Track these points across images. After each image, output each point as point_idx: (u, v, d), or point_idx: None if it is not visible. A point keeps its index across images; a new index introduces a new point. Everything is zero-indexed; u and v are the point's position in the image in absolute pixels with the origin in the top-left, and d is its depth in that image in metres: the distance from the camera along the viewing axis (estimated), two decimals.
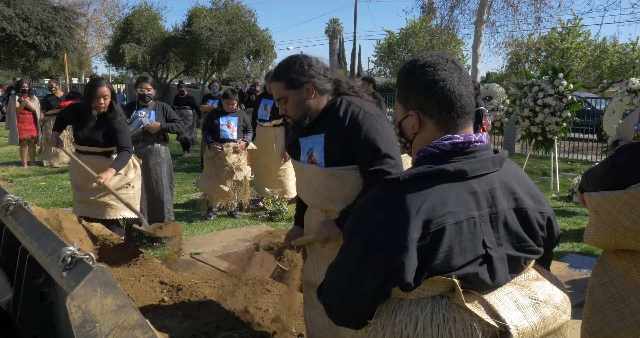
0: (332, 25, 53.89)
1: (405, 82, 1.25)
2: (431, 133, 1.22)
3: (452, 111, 1.20)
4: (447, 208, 1.11)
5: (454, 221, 1.10)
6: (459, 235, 1.11)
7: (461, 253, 1.11)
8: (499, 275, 1.16)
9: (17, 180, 8.13)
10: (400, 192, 1.13)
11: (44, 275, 1.47)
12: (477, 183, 1.16)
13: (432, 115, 1.21)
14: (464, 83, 1.22)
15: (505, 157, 1.23)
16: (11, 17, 16.66)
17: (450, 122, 1.21)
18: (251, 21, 22.07)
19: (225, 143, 5.71)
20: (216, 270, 3.99)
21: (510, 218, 1.18)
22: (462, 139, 1.19)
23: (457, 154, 1.18)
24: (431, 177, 1.14)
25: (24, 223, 1.54)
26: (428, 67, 1.20)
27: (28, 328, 1.51)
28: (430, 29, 21.76)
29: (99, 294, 1.00)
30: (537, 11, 14.64)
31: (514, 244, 1.19)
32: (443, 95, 1.19)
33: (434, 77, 1.19)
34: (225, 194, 5.77)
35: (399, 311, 1.15)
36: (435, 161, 1.17)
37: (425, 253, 1.09)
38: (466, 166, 1.16)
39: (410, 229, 1.08)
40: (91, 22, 28.56)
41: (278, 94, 2.09)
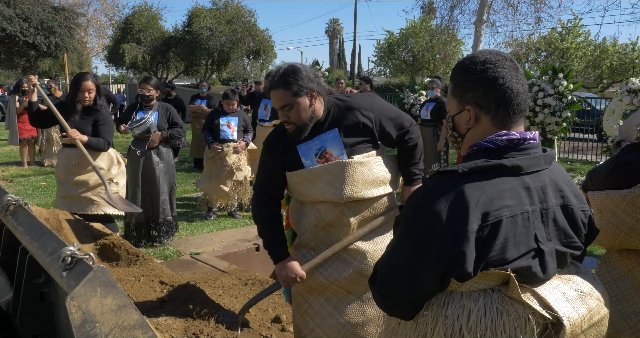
0: (332, 25, 53.91)
1: (464, 77, 1.27)
2: (486, 128, 1.25)
3: (509, 108, 1.23)
4: (504, 201, 1.14)
5: (510, 214, 1.14)
6: (514, 228, 1.15)
7: (515, 246, 1.15)
8: (550, 268, 1.20)
9: (17, 180, 8.13)
10: (458, 184, 1.16)
11: (44, 275, 1.47)
12: (531, 179, 1.20)
13: (489, 111, 1.24)
14: (522, 81, 1.25)
15: (555, 156, 1.29)
16: (11, 17, 16.65)
17: (506, 118, 1.24)
18: (251, 21, 22.09)
19: (226, 143, 5.71)
20: (216, 270, 3.99)
21: (558, 214, 1.23)
22: (518, 136, 1.21)
23: (512, 149, 1.21)
24: (489, 171, 1.18)
25: (24, 223, 1.54)
26: (489, 63, 1.23)
27: (28, 328, 1.51)
28: (430, 29, 21.75)
29: (99, 294, 1.00)
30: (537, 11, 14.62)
31: (562, 240, 1.24)
32: (502, 92, 1.22)
33: (494, 74, 1.22)
34: (226, 194, 5.77)
35: (451, 303, 1.17)
36: (490, 156, 1.21)
37: (482, 245, 1.12)
38: (522, 162, 1.19)
39: (470, 220, 1.11)
40: (91, 22, 28.54)
41: (283, 101, 2.09)
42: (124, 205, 4.05)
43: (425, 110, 7.00)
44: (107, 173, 4.11)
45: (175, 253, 4.57)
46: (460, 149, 1.33)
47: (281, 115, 2.14)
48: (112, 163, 4.15)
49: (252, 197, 2.37)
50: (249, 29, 21.57)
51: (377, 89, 22.24)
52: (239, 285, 3.57)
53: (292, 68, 2.11)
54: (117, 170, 4.19)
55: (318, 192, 2.17)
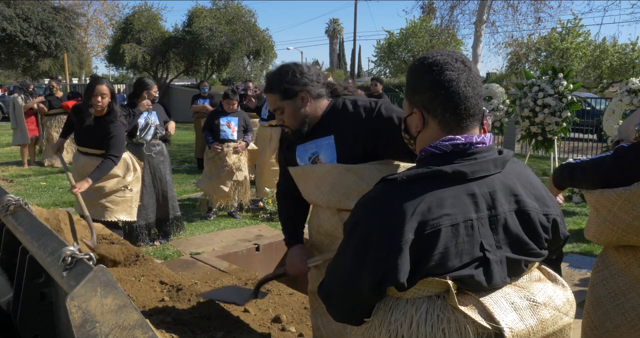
0: (332, 25, 53.91)
1: (413, 79, 1.24)
2: (434, 132, 1.21)
3: (456, 113, 1.19)
4: (444, 210, 1.10)
5: (450, 223, 1.10)
6: (455, 237, 1.11)
7: (457, 255, 1.11)
8: (496, 278, 1.15)
9: (17, 180, 8.13)
10: (397, 193, 1.14)
11: (44, 275, 1.47)
12: (477, 185, 1.15)
13: (435, 115, 1.20)
14: (472, 84, 1.19)
15: (509, 159, 1.22)
16: (11, 17, 16.66)
17: (453, 123, 1.19)
18: (251, 21, 22.08)
19: (226, 143, 5.71)
20: (216, 270, 3.99)
21: (511, 220, 1.17)
22: (463, 140, 1.17)
23: (458, 155, 1.17)
24: (429, 178, 1.14)
25: (24, 223, 1.54)
26: (435, 66, 1.19)
27: (28, 328, 1.51)
28: (430, 29, 21.77)
29: (99, 294, 1.00)
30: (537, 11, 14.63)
31: (515, 247, 1.18)
32: (448, 96, 1.18)
33: (439, 77, 1.18)
34: (226, 194, 5.77)
35: (395, 310, 1.16)
36: (436, 162, 1.17)
37: (420, 255, 1.09)
38: (465, 168, 1.15)
39: (405, 230, 1.08)
40: (91, 22, 28.56)
41: (273, 105, 2.07)
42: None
43: None
44: (122, 181, 4.08)
45: (175, 253, 4.57)
46: (415, 150, 1.30)
47: (277, 118, 2.12)
48: (127, 169, 4.11)
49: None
50: (249, 29, 21.57)
51: None
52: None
53: (281, 70, 2.05)
54: (132, 176, 4.16)
55: (306, 192, 2.15)
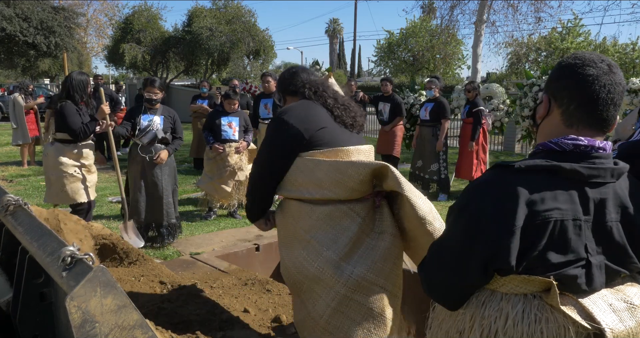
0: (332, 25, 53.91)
1: (554, 69, 1.26)
2: (556, 123, 1.22)
3: (581, 108, 1.18)
4: (556, 203, 1.12)
5: (560, 218, 1.12)
6: (562, 232, 1.12)
7: (562, 251, 1.13)
8: (596, 282, 1.16)
9: (17, 180, 8.13)
10: (512, 180, 1.15)
11: (44, 275, 1.47)
12: (592, 190, 1.16)
13: (561, 104, 1.21)
14: (609, 88, 1.17)
15: (625, 171, 1.22)
16: (11, 17, 16.65)
17: (575, 117, 1.19)
18: (251, 21, 22.08)
19: (227, 143, 5.71)
20: (216, 270, 3.99)
21: (616, 231, 1.18)
22: (586, 143, 1.17)
23: (577, 155, 1.17)
24: (546, 171, 1.15)
25: (24, 223, 1.54)
26: (579, 59, 1.20)
27: (28, 328, 1.51)
28: (430, 29, 21.76)
29: (99, 294, 1.00)
30: (537, 11, 14.64)
31: (615, 257, 1.19)
32: (578, 89, 1.18)
33: (577, 69, 1.18)
34: (228, 194, 5.78)
35: (489, 305, 1.17)
36: (554, 158, 1.17)
37: (527, 242, 1.12)
38: (583, 169, 1.15)
39: (517, 215, 1.11)
40: (91, 22, 28.52)
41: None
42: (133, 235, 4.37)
43: (424, 111, 7.00)
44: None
45: (175, 253, 4.57)
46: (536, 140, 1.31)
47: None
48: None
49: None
50: (249, 29, 21.57)
51: (377, 89, 22.24)
52: (239, 285, 3.56)
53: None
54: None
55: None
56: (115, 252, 3.49)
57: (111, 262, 3.44)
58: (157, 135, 4.63)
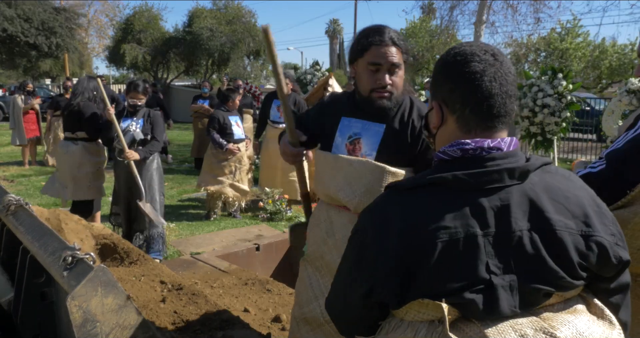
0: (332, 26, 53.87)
1: (437, 69, 1.12)
2: (451, 131, 1.08)
3: (476, 110, 1.04)
4: (442, 222, 0.98)
5: (447, 238, 0.97)
6: (453, 254, 0.97)
7: (456, 275, 0.97)
8: (502, 306, 0.97)
9: (18, 180, 8.13)
10: (396, 200, 1.05)
11: (45, 274, 1.47)
12: (487, 197, 1.00)
13: (454, 111, 1.07)
14: (500, 80, 1.04)
15: (533, 168, 1.04)
16: (12, 18, 16.66)
17: (473, 122, 1.05)
18: (251, 21, 22.09)
19: (241, 143, 5.79)
20: (216, 270, 4.00)
21: (528, 240, 0.99)
22: (473, 145, 1.03)
23: (467, 161, 1.03)
24: (430, 186, 1.03)
25: (25, 223, 1.55)
26: (460, 56, 1.06)
27: (29, 327, 1.52)
28: (430, 29, 21.76)
29: (100, 294, 1.01)
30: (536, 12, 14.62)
31: (533, 272, 0.99)
32: (468, 90, 1.04)
33: (462, 68, 1.05)
34: (246, 193, 5.91)
35: (394, 332, 1.06)
36: (444, 168, 1.05)
37: (412, 270, 0.98)
38: (470, 176, 1.01)
39: (397, 241, 0.98)
40: (92, 22, 28.51)
41: (397, 58, 1.77)
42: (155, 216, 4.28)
43: None
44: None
45: (175, 253, 4.57)
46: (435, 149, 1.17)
47: (383, 76, 1.76)
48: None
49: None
50: (249, 29, 21.58)
51: None
52: (239, 285, 3.58)
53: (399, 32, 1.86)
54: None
55: (334, 187, 1.83)
56: (115, 251, 3.49)
57: (112, 262, 3.45)
58: (135, 138, 4.37)
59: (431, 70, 23.65)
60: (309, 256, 1.91)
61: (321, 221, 1.87)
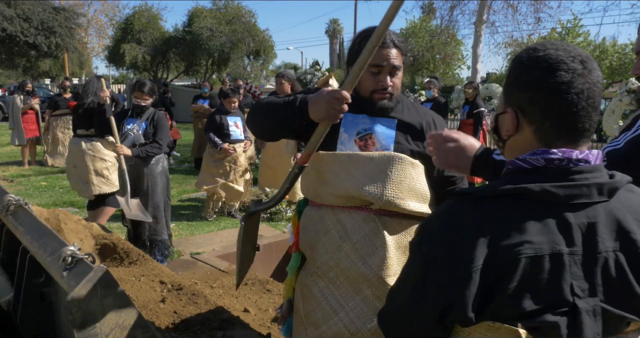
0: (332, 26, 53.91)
1: (514, 71, 1.01)
2: (528, 141, 0.99)
3: (558, 124, 0.95)
4: (526, 236, 0.90)
5: (532, 253, 0.89)
6: (537, 271, 0.89)
7: (537, 295, 0.90)
8: (587, 332, 0.90)
9: (17, 180, 8.13)
10: (470, 210, 0.96)
11: (45, 274, 1.47)
12: (574, 213, 0.92)
13: (532, 121, 0.97)
14: (588, 92, 0.94)
15: (621, 186, 0.97)
16: (12, 18, 16.67)
17: (553, 135, 0.96)
18: (251, 21, 22.11)
19: (237, 144, 5.75)
20: (216, 270, 3.99)
21: (613, 263, 0.92)
22: (560, 155, 0.94)
23: (552, 173, 0.95)
24: (511, 197, 0.94)
25: (25, 223, 1.54)
26: (546, 61, 0.95)
27: (28, 327, 1.51)
28: (430, 29, 21.78)
29: (99, 294, 1.01)
30: (536, 11, 14.66)
31: (618, 298, 0.92)
32: (552, 102, 0.94)
33: (547, 77, 0.94)
34: (241, 194, 5.85)
35: None
36: (523, 178, 0.95)
37: (490, 287, 0.90)
38: (558, 189, 0.92)
39: (475, 255, 0.90)
40: (92, 22, 28.52)
41: (398, 61, 1.76)
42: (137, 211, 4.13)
43: None
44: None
45: (175, 253, 4.57)
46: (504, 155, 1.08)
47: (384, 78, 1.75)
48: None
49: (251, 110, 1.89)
50: (249, 29, 21.59)
51: None
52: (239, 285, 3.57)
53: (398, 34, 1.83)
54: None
55: (352, 185, 1.69)
56: (115, 251, 3.49)
57: (111, 262, 3.45)
58: (135, 142, 4.24)
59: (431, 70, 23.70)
60: (319, 269, 1.77)
61: (330, 227, 1.76)
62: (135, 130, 4.29)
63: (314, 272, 1.77)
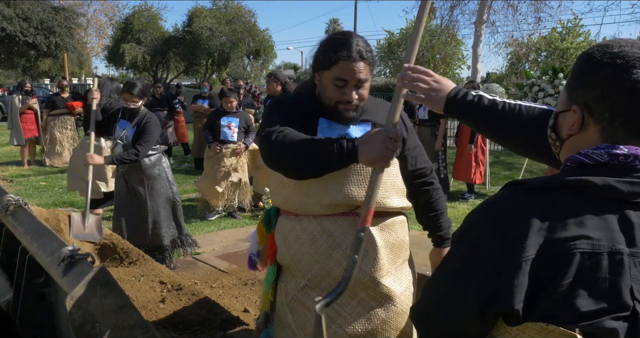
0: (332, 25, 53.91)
1: (582, 67, 0.96)
2: (592, 141, 0.94)
3: (628, 124, 0.91)
4: (583, 230, 0.85)
5: (589, 249, 0.84)
6: (594, 269, 0.84)
7: (594, 295, 0.84)
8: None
9: (17, 180, 8.13)
10: (524, 200, 0.91)
11: (44, 275, 1.47)
12: (637, 212, 0.88)
13: (600, 120, 0.92)
14: None
15: None
16: (11, 17, 16.67)
17: (621, 134, 0.91)
18: (251, 21, 22.12)
19: (226, 144, 5.68)
20: (216, 270, 3.99)
21: None
22: (626, 151, 0.90)
23: (615, 169, 0.90)
24: (570, 189, 0.89)
25: (24, 223, 1.54)
26: (620, 58, 0.91)
27: (28, 328, 1.51)
28: (430, 29, 21.78)
29: (99, 294, 1.00)
30: (537, 11, 14.66)
31: None
32: (625, 102, 0.90)
33: (621, 74, 0.90)
34: (218, 195, 5.70)
35: None
36: (584, 173, 0.91)
37: (542, 282, 0.85)
38: (622, 185, 0.87)
39: (527, 244, 0.85)
40: (91, 22, 28.53)
41: (364, 74, 1.69)
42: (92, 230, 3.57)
43: (423, 111, 7.05)
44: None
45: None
46: (559, 155, 1.03)
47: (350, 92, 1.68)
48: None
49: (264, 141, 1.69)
50: (249, 29, 21.60)
51: (377, 88, 22.25)
52: (239, 285, 3.57)
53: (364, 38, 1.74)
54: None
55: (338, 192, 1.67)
56: (115, 251, 3.49)
57: (111, 262, 3.45)
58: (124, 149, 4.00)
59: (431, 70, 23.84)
60: (311, 281, 1.72)
61: (317, 237, 1.71)
62: (124, 138, 4.03)
63: (305, 284, 1.73)
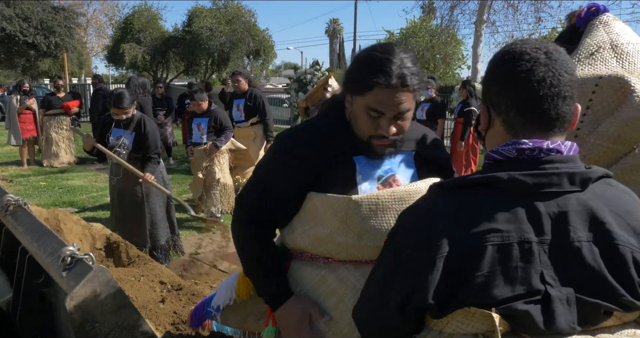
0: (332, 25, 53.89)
1: (486, 70, 1.07)
2: (499, 134, 1.04)
3: (521, 112, 0.99)
4: (493, 224, 0.91)
5: (499, 241, 0.90)
6: (505, 259, 0.90)
7: (507, 283, 0.90)
8: (559, 320, 0.89)
9: (17, 180, 8.12)
10: (441, 200, 0.99)
11: (44, 275, 1.47)
12: (543, 201, 0.93)
13: (499, 113, 1.02)
14: (550, 80, 0.96)
15: (594, 177, 0.97)
16: (11, 17, 16.66)
17: (519, 125, 0.99)
18: (251, 21, 22.11)
19: (197, 147, 5.35)
20: (216, 270, 3.99)
21: (587, 252, 0.91)
22: (530, 145, 0.96)
23: (523, 162, 0.96)
24: (481, 186, 0.96)
25: (24, 223, 1.54)
26: (508, 54, 1.00)
27: (28, 328, 1.51)
28: (430, 29, 21.78)
29: (99, 294, 1.00)
30: (537, 11, 14.65)
31: (591, 287, 0.91)
32: (514, 92, 0.98)
33: (509, 68, 0.99)
34: (196, 197, 5.51)
35: None
36: (495, 169, 0.98)
37: (458, 275, 0.91)
38: (527, 178, 0.93)
39: (441, 242, 0.91)
40: (91, 22, 28.48)
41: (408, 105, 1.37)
42: None
43: (421, 111, 7.09)
44: None
45: (175, 254, 4.57)
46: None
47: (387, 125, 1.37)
48: None
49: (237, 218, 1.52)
50: (249, 29, 21.58)
51: None
52: None
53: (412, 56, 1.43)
54: None
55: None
56: (115, 251, 3.49)
57: (111, 262, 3.44)
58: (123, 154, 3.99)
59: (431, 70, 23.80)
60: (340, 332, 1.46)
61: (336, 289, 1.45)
62: (124, 147, 3.98)
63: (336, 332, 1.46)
